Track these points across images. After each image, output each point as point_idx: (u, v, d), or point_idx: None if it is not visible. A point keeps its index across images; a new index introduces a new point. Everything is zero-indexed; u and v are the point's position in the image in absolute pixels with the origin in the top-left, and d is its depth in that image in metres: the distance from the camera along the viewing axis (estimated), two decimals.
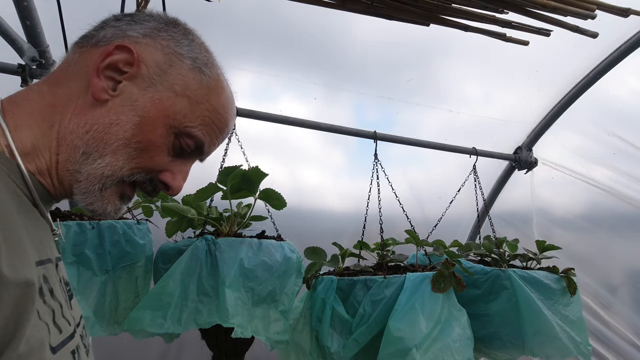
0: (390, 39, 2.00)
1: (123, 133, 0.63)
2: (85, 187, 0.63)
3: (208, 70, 0.70)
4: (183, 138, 0.68)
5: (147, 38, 0.67)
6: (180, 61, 0.68)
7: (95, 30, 0.69)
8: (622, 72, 2.10)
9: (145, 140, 0.64)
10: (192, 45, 0.70)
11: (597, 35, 1.51)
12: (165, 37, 0.68)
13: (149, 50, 0.66)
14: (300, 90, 2.19)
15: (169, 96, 0.66)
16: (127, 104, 0.64)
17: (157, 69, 0.66)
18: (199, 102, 0.68)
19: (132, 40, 0.66)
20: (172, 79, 0.67)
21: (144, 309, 1.26)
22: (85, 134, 0.62)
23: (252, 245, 1.35)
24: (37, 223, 0.59)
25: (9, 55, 1.57)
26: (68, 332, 0.58)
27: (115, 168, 0.64)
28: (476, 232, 2.55)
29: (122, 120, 0.63)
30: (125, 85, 0.64)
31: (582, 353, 1.58)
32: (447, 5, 1.40)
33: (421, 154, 2.50)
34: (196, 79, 0.68)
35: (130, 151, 0.64)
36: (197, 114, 0.68)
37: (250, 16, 1.83)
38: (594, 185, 2.33)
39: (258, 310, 1.32)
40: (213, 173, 1.46)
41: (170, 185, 0.70)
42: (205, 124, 0.69)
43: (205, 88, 0.69)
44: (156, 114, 0.65)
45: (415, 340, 1.31)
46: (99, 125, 0.62)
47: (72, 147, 0.62)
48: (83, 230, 1.39)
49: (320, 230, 2.47)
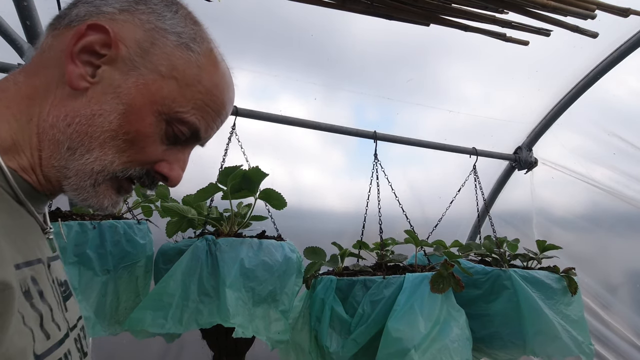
0: (389, 38, 2.00)
1: (108, 124, 0.57)
2: (76, 183, 0.58)
3: (197, 45, 0.63)
4: (175, 125, 0.62)
5: (125, 13, 0.60)
6: (164, 37, 0.61)
7: (68, 8, 0.62)
8: (622, 72, 2.10)
9: (134, 130, 0.59)
10: (176, 18, 0.62)
11: (597, 35, 1.51)
12: (145, 10, 0.61)
13: (127, 27, 0.59)
14: (300, 90, 2.19)
15: (155, 79, 0.59)
16: (109, 91, 0.58)
17: (138, 48, 0.59)
18: (189, 84, 0.61)
19: (107, 18, 0.59)
20: (156, 60, 0.60)
21: (145, 309, 1.26)
22: (67, 128, 0.57)
23: (253, 245, 1.35)
24: (21, 222, 0.55)
25: (9, 55, 1.57)
26: (57, 338, 0.54)
27: (105, 163, 0.59)
28: (476, 232, 2.55)
29: (106, 110, 0.57)
30: (104, 71, 0.58)
31: (585, 352, 1.58)
32: (447, 5, 1.41)
33: (421, 154, 2.50)
34: (183, 57, 0.61)
35: (119, 143, 0.59)
36: (187, 97, 0.61)
37: (249, 16, 1.83)
38: (594, 185, 2.33)
39: (259, 310, 1.33)
40: (213, 173, 1.46)
41: (168, 176, 0.64)
42: (199, 108, 0.63)
43: (195, 67, 0.62)
44: (142, 101, 0.58)
45: (414, 341, 1.31)
46: (81, 117, 0.57)
47: (55, 142, 0.57)
48: (84, 230, 1.39)
49: (320, 230, 2.47)
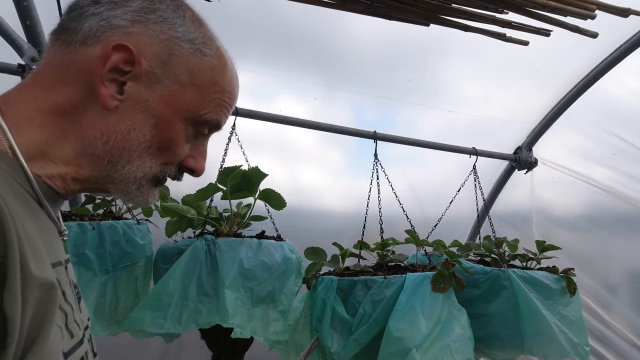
0: (389, 38, 2.00)
1: (143, 137, 0.62)
2: (122, 188, 0.64)
3: (208, 49, 0.66)
4: (199, 126, 0.67)
5: (137, 25, 0.62)
6: (180, 47, 0.64)
7: (74, 20, 0.62)
8: (622, 72, 2.10)
9: (166, 138, 0.64)
10: (186, 24, 0.65)
11: (597, 35, 1.51)
12: (156, 19, 0.63)
13: (143, 41, 0.61)
14: (300, 90, 2.19)
15: (178, 89, 0.63)
16: (138, 106, 0.62)
17: (158, 61, 0.62)
18: (207, 88, 0.66)
19: (121, 32, 0.61)
20: (176, 70, 0.63)
21: (144, 309, 1.26)
22: (105, 145, 0.61)
23: (252, 245, 1.35)
24: (44, 225, 0.57)
25: (9, 55, 1.57)
26: (78, 337, 0.57)
27: (146, 169, 0.64)
28: (476, 232, 2.55)
29: (139, 124, 0.62)
30: (130, 87, 0.61)
31: (579, 354, 1.59)
32: (447, 5, 1.40)
33: (420, 154, 2.50)
34: (199, 63, 0.65)
35: (154, 151, 0.64)
36: (207, 100, 0.66)
37: (249, 16, 1.83)
38: (594, 185, 2.33)
39: (257, 311, 1.33)
40: (213, 173, 1.46)
41: (195, 169, 0.71)
42: (217, 105, 0.68)
43: (210, 70, 0.66)
44: (170, 111, 0.63)
45: (416, 341, 1.31)
46: (117, 134, 0.61)
47: (95, 157, 0.61)
48: (83, 230, 1.39)
49: (320, 230, 2.47)
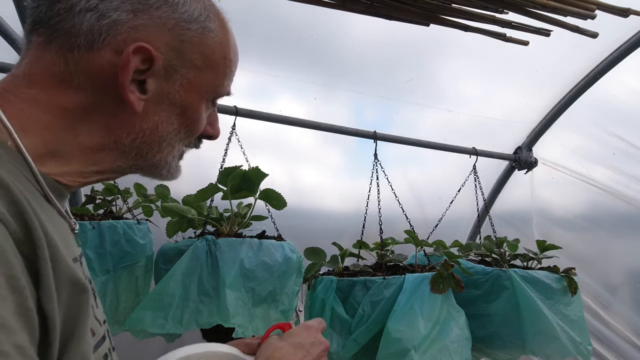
0: (389, 38, 2.00)
1: (171, 126, 0.63)
2: (150, 171, 0.66)
3: (211, 23, 0.65)
4: (215, 98, 0.70)
5: (140, 15, 0.58)
6: (188, 29, 0.62)
7: (63, 19, 0.56)
8: (622, 72, 2.10)
9: (191, 121, 0.66)
10: (186, 2, 0.62)
11: (597, 35, 1.51)
12: (155, 2, 0.59)
13: (152, 32, 0.58)
14: (300, 90, 2.19)
15: (195, 74, 0.63)
16: (162, 100, 0.61)
17: (171, 52, 0.60)
18: (220, 64, 0.67)
19: (127, 27, 0.57)
20: (189, 56, 0.62)
21: (145, 309, 1.26)
22: (133, 142, 0.61)
23: (253, 245, 1.35)
24: (54, 220, 0.55)
25: (9, 55, 1.57)
26: (100, 334, 0.56)
27: (175, 152, 0.66)
28: (476, 232, 2.55)
29: (165, 117, 0.62)
30: (151, 84, 0.59)
31: (582, 353, 1.58)
32: (447, 5, 1.40)
33: (420, 154, 2.50)
34: (209, 43, 0.64)
35: (182, 136, 0.66)
36: (220, 75, 0.68)
37: (249, 16, 1.83)
38: (594, 185, 2.33)
39: (258, 310, 1.33)
40: (213, 173, 1.46)
41: (213, 134, 0.73)
42: (228, 76, 0.70)
43: (219, 46, 0.66)
44: (193, 98, 0.64)
45: (414, 341, 1.31)
46: (145, 131, 0.61)
47: (121, 152, 0.61)
48: (83, 230, 1.39)
49: (320, 230, 2.47)
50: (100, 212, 1.62)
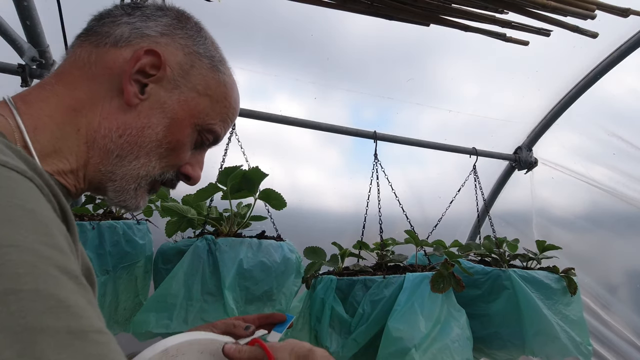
0: (389, 38, 2.00)
1: (155, 135, 0.66)
2: (121, 186, 0.66)
3: (222, 67, 0.73)
4: (204, 134, 0.72)
5: (165, 37, 0.68)
6: (200, 61, 0.70)
7: (105, 26, 0.67)
8: (622, 72, 2.10)
9: (175, 140, 0.68)
10: (207, 43, 0.72)
11: (597, 35, 1.51)
12: (182, 35, 0.69)
13: (170, 51, 0.67)
14: (300, 90, 2.19)
15: (193, 97, 0.69)
16: (156, 107, 0.66)
17: (180, 70, 0.68)
18: (219, 101, 0.72)
19: (151, 40, 0.67)
20: (194, 80, 0.69)
21: (148, 311, 1.26)
22: (119, 138, 0.64)
23: (252, 245, 1.35)
24: None
25: (9, 55, 1.57)
26: None
27: (149, 168, 0.67)
28: (476, 232, 2.55)
29: (153, 123, 0.66)
30: (152, 89, 0.66)
31: (582, 353, 1.58)
32: (447, 5, 1.40)
33: (419, 153, 2.50)
34: (215, 78, 0.71)
35: (162, 151, 0.67)
36: (217, 112, 0.72)
37: (249, 16, 1.83)
38: (594, 185, 2.33)
39: (251, 308, 1.33)
40: (213, 173, 1.46)
41: (192, 176, 0.74)
42: (223, 120, 0.73)
43: (223, 86, 0.72)
44: (183, 115, 0.68)
45: (415, 341, 1.31)
46: (132, 129, 0.64)
47: (106, 150, 0.64)
48: (83, 230, 1.39)
49: (319, 230, 2.47)
50: (100, 212, 1.62)
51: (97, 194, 0.68)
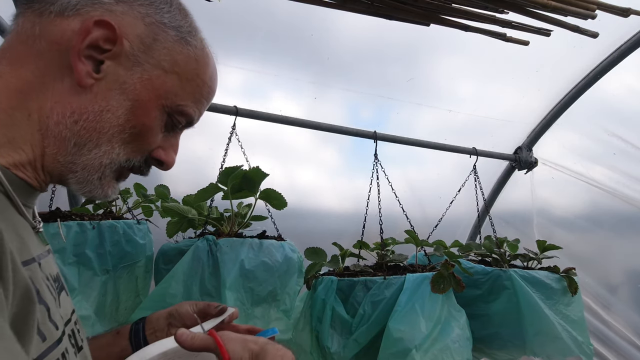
0: (389, 38, 2.00)
1: (116, 120, 0.58)
2: (83, 176, 0.59)
3: (193, 39, 0.64)
4: (175, 116, 0.64)
5: (122, 4, 0.59)
6: (164, 32, 0.61)
7: None
8: (622, 72, 2.10)
9: (140, 124, 0.60)
10: (173, 11, 0.63)
11: (597, 35, 1.51)
12: (142, 2, 0.60)
13: (127, 21, 0.58)
14: (299, 89, 2.18)
15: (158, 75, 0.61)
16: (114, 87, 0.58)
17: (140, 44, 0.59)
18: (189, 79, 0.64)
19: (104, 8, 0.57)
20: (158, 55, 0.61)
21: (146, 310, 1.25)
22: (75, 125, 0.56)
23: (253, 245, 1.35)
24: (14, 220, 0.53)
25: None
26: (54, 338, 0.52)
27: (113, 156, 0.60)
28: (476, 232, 2.55)
29: (113, 106, 0.58)
30: (108, 66, 0.57)
31: (585, 352, 1.58)
32: (447, 5, 1.40)
33: (418, 153, 2.49)
34: (183, 52, 0.63)
35: (125, 137, 0.60)
36: (187, 91, 0.64)
37: (248, 16, 1.83)
38: (594, 185, 2.33)
39: (258, 310, 1.33)
40: (213, 174, 1.46)
41: (165, 161, 0.67)
42: (196, 100, 0.66)
43: (194, 61, 0.64)
44: (148, 96, 0.60)
45: (415, 341, 1.31)
46: (89, 114, 0.57)
47: (61, 139, 0.56)
48: (83, 230, 1.39)
49: (320, 231, 2.47)
50: (100, 212, 1.62)
51: (62, 185, 0.62)
